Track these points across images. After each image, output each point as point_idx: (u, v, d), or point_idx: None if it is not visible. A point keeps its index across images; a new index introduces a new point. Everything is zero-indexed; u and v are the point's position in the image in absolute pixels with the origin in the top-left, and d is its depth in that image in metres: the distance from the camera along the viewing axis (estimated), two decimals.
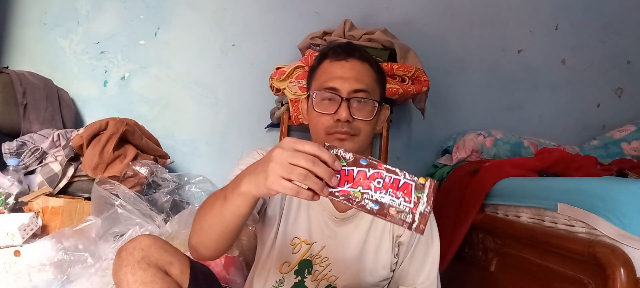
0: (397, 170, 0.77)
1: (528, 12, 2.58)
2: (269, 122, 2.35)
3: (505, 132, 2.28)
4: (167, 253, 1.06)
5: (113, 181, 1.72)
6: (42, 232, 1.59)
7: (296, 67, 1.97)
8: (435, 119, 2.46)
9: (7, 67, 2.07)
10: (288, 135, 2.11)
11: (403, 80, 1.95)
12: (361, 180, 0.76)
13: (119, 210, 1.61)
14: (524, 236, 1.45)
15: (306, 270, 1.15)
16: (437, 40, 2.50)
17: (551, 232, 1.32)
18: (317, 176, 0.74)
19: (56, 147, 1.84)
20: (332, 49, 1.12)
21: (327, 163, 0.75)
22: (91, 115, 2.32)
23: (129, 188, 1.73)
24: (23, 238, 1.48)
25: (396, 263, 1.19)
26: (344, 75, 1.08)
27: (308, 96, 1.15)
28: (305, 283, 1.16)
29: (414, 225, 0.75)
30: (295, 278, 1.16)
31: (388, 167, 0.77)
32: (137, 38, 2.38)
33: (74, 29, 2.35)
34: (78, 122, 2.31)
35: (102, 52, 2.36)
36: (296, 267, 1.16)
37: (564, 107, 2.59)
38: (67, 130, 1.96)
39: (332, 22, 2.28)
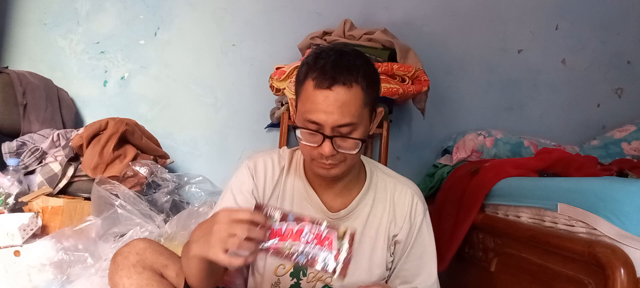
0: (321, 223, 0.87)
1: (528, 12, 2.58)
2: (269, 122, 2.35)
3: (505, 132, 2.28)
4: (163, 256, 1.06)
5: (113, 181, 1.72)
6: (42, 232, 1.59)
7: (296, 67, 1.97)
8: (435, 119, 2.46)
9: (7, 67, 2.07)
10: (288, 135, 2.11)
11: (403, 80, 1.95)
12: (289, 235, 0.87)
13: (119, 210, 1.61)
14: (524, 236, 1.44)
15: (301, 272, 1.15)
16: (437, 40, 2.50)
17: (551, 232, 1.32)
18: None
19: (56, 147, 1.84)
20: (318, 69, 1.00)
21: (261, 225, 0.84)
22: (91, 115, 2.32)
23: (129, 188, 1.73)
24: (23, 238, 1.48)
25: (392, 261, 1.19)
26: (327, 108, 0.98)
27: (296, 104, 1.10)
28: (301, 285, 1.16)
29: (337, 272, 0.86)
30: (291, 280, 1.16)
31: (312, 218, 0.87)
32: (137, 38, 2.38)
33: (74, 29, 2.35)
34: (78, 122, 2.31)
35: (102, 52, 2.36)
36: (291, 269, 1.16)
37: (564, 107, 2.59)
38: (67, 130, 1.96)
39: (332, 22, 2.28)
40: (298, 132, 1.04)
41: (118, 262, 1.03)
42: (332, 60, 1.00)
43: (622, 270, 1.04)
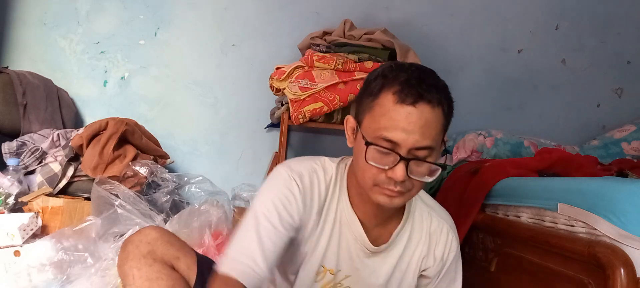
0: None
1: (528, 12, 2.58)
2: (269, 122, 2.35)
3: (505, 132, 2.28)
4: (174, 248, 1.04)
5: (113, 181, 1.72)
6: (42, 232, 1.59)
7: (296, 67, 1.97)
8: None
9: (7, 67, 2.07)
10: (288, 135, 2.11)
11: None
12: None
13: (119, 210, 1.61)
14: (524, 236, 1.44)
15: None
16: (437, 40, 2.50)
17: (551, 232, 1.32)
18: None
19: (56, 147, 1.84)
20: (402, 83, 0.89)
21: None
22: (91, 115, 2.32)
23: (129, 188, 1.73)
24: (23, 238, 1.48)
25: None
26: (409, 127, 0.87)
27: (359, 124, 0.96)
28: None
29: None
30: None
31: None
32: (137, 38, 2.38)
33: (74, 29, 2.35)
34: (78, 122, 2.31)
35: (102, 52, 2.36)
36: None
37: (564, 107, 2.59)
38: (67, 130, 1.96)
39: (332, 21, 2.27)
40: (369, 150, 0.90)
41: (129, 250, 1.00)
42: (417, 76, 0.90)
43: (622, 270, 1.04)
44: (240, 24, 2.43)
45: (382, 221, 1.06)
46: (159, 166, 1.90)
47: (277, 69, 2.02)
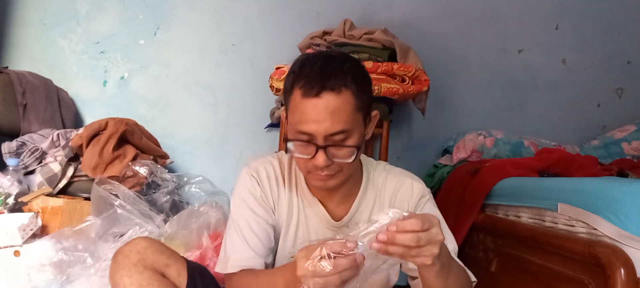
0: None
1: (528, 12, 2.58)
2: (269, 122, 2.35)
3: (505, 132, 2.28)
4: (164, 256, 1.06)
5: (113, 181, 1.72)
6: (41, 232, 1.59)
7: None
8: (435, 119, 2.46)
9: (7, 67, 2.07)
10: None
11: (403, 80, 1.95)
12: None
13: (119, 210, 1.61)
14: (524, 236, 1.44)
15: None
16: (437, 40, 2.50)
17: (551, 232, 1.32)
18: None
19: (56, 147, 1.84)
20: (304, 77, 0.95)
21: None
22: (91, 115, 2.32)
23: (129, 188, 1.73)
24: (23, 238, 1.48)
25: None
26: (318, 117, 0.93)
27: (286, 116, 1.05)
28: None
29: None
30: None
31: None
32: (136, 38, 2.38)
33: (74, 29, 2.35)
34: (78, 122, 2.30)
35: (101, 52, 2.36)
36: None
37: (564, 107, 2.58)
38: (67, 130, 1.96)
39: (332, 21, 2.27)
40: (290, 144, 0.99)
41: (119, 260, 1.02)
42: (319, 66, 0.95)
43: (622, 270, 1.04)
44: (240, 24, 2.43)
45: (340, 197, 1.12)
46: (159, 166, 1.90)
47: (277, 69, 2.02)
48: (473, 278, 1.06)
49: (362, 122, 1.00)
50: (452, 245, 1.10)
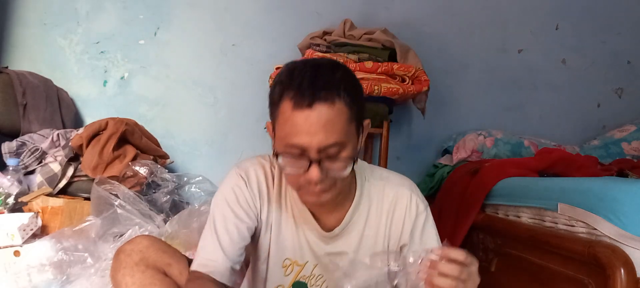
0: None
1: (528, 12, 2.58)
2: None
3: (505, 132, 2.28)
4: (166, 255, 1.06)
5: (113, 181, 1.72)
6: (41, 232, 1.59)
7: None
8: (435, 119, 2.46)
9: (7, 67, 2.07)
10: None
11: (403, 80, 1.95)
12: None
13: (119, 210, 1.61)
14: (524, 236, 1.44)
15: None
16: (437, 40, 2.50)
17: (551, 232, 1.32)
18: None
19: (56, 147, 1.84)
20: (295, 88, 0.90)
21: None
22: (91, 115, 2.32)
23: (129, 188, 1.73)
24: (23, 238, 1.48)
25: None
26: (311, 129, 0.88)
27: (273, 128, 1.01)
28: None
29: None
30: None
31: None
32: (136, 38, 2.38)
33: (74, 29, 2.35)
34: (78, 122, 2.30)
35: (101, 52, 2.36)
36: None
37: (564, 107, 2.58)
38: (67, 130, 1.96)
39: (332, 22, 2.27)
40: (280, 159, 0.93)
41: (121, 259, 1.01)
42: (309, 76, 0.90)
43: (622, 270, 1.04)
44: (240, 24, 2.43)
45: (332, 206, 1.06)
46: (159, 166, 1.90)
47: (277, 69, 2.02)
48: None
49: (355, 132, 0.95)
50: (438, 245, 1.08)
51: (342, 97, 0.90)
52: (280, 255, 1.09)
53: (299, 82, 0.90)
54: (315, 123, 0.88)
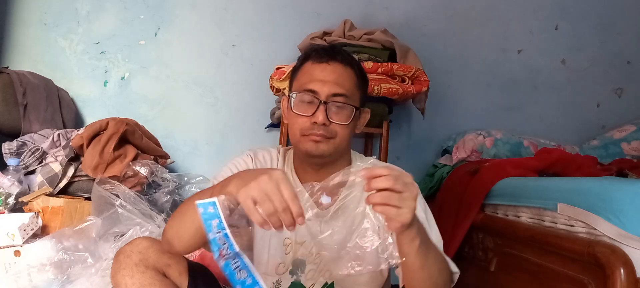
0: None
1: (528, 12, 2.58)
2: (269, 122, 2.35)
3: (505, 132, 2.28)
4: (165, 256, 1.06)
5: (113, 181, 1.72)
6: (42, 232, 1.59)
7: None
8: (435, 119, 2.46)
9: (7, 67, 2.07)
10: (288, 134, 2.11)
11: (403, 80, 1.95)
12: None
13: (119, 210, 1.61)
14: (523, 236, 1.45)
15: (299, 269, 1.16)
16: (437, 40, 2.50)
17: (551, 232, 1.32)
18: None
19: (56, 147, 1.84)
20: (315, 50, 1.13)
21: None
22: (91, 115, 2.32)
23: (129, 188, 1.73)
24: (23, 238, 1.48)
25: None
26: (325, 78, 1.08)
27: (289, 96, 1.15)
28: (302, 282, 1.16)
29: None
30: (291, 278, 1.16)
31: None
32: (137, 38, 2.38)
33: (74, 29, 2.35)
34: (78, 122, 2.31)
35: (102, 52, 2.37)
36: (290, 267, 1.16)
37: (564, 107, 2.59)
38: (67, 130, 1.96)
39: (332, 22, 2.28)
40: (292, 102, 1.09)
41: (120, 260, 1.02)
42: (329, 46, 1.12)
43: (622, 270, 1.05)
44: (240, 24, 2.43)
45: (325, 174, 1.08)
46: (159, 166, 1.90)
47: (277, 69, 2.02)
48: (455, 269, 1.05)
49: (358, 101, 1.12)
50: (437, 237, 1.11)
51: (354, 67, 1.13)
52: (280, 233, 1.15)
53: (320, 49, 1.12)
54: (329, 74, 1.09)
